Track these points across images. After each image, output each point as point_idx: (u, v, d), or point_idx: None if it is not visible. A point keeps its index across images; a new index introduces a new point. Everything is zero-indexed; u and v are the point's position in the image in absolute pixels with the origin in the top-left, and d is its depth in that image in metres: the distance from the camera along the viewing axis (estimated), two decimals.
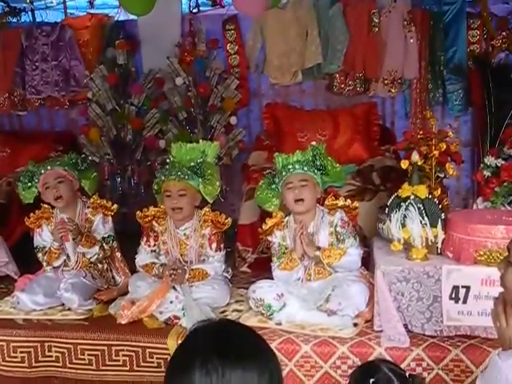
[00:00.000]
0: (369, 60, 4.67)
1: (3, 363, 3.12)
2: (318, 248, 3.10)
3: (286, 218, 3.25)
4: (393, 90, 4.70)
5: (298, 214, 3.17)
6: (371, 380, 1.58)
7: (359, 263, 3.15)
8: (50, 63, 4.99)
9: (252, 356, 1.09)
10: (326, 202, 3.28)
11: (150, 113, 4.73)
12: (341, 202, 3.26)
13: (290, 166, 3.14)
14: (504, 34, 4.53)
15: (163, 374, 2.91)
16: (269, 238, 3.27)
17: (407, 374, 1.63)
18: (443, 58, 4.65)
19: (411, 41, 4.58)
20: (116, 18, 5.05)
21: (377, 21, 4.61)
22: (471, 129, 4.89)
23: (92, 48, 4.99)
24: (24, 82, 5.05)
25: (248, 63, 4.90)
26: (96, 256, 3.47)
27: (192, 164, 3.31)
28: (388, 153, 4.44)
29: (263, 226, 3.25)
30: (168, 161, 3.43)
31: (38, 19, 5.35)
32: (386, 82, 4.68)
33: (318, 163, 3.19)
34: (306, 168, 3.13)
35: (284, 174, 3.15)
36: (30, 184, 3.43)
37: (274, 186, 3.23)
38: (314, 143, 3.35)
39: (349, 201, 3.29)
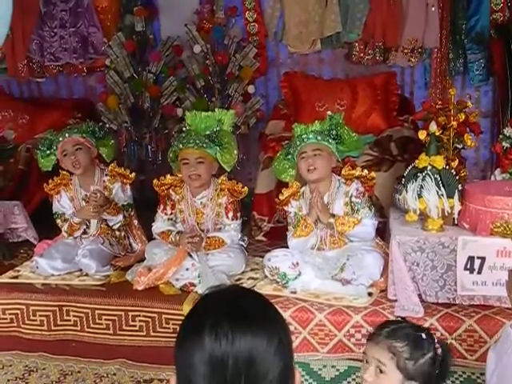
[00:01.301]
0: (389, 29, 4.59)
1: (23, 326, 3.20)
2: (333, 215, 3.10)
3: (302, 188, 3.25)
4: (413, 60, 4.64)
5: (312, 182, 3.17)
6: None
7: (373, 233, 3.15)
8: (69, 30, 5.00)
9: (262, 322, 1.10)
10: (342, 172, 3.26)
11: (168, 80, 4.72)
12: (357, 172, 3.23)
13: (304, 136, 3.13)
14: None
15: None
16: (285, 208, 3.27)
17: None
18: (465, 26, 4.55)
19: (432, 9, 4.50)
20: None
21: None
22: (492, 99, 4.81)
23: (110, 15, 4.98)
24: (42, 48, 5.05)
25: (266, 31, 4.85)
26: (119, 224, 3.51)
27: (208, 132, 3.30)
28: (406, 123, 4.40)
29: (280, 197, 3.25)
30: (184, 129, 3.43)
31: None
32: (405, 51, 4.62)
33: (334, 132, 3.17)
34: (319, 137, 3.11)
35: (298, 144, 3.14)
36: (48, 152, 3.46)
37: (290, 156, 3.22)
38: (329, 112, 3.32)
39: (365, 171, 3.26)
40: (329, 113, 3.33)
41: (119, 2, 4.94)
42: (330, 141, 3.15)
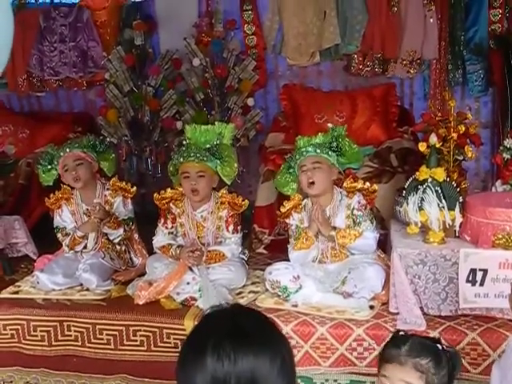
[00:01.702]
0: (387, 40, 4.62)
1: (24, 341, 3.17)
2: (334, 228, 3.10)
3: (304, 201, 3.24)
4: (411, 71, 4.66)
5: (312, 196, 3.17)
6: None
7: (374, 246, 3.14)
8: (68, 44, 5.02)
9: (264, 342, 1.10)
10: (344, 185, 3.25)
11: (167, 94, 4.73)
12: (359, 185, 3.23)
13: (303, 149, 3.13)
14: None
15: None
16: (286, 221, 3.27)
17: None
18: (463, 37, 4.57)
19: (431, 20, 4.52)
20: None
21: (396, 0, 4.53)
22: (491, 110, 4.82)
23: (109, 29, 5.00)
24: (42, 63, 5.07)
25: (265, 44, 4.87)
26: (120, 237, 3.51)
27: (208, 146, 3.31)
28: (406, 134, 4.40)
29: (281, 209, 3.25)
30: (184, 143, 3.43)
31: (56, 0, 5.35)
32: (404, 62, 4.64)
33: (335, 144, 3.18)
34: (318, 150, 3.11)
35: (298, 157, 3.15)
36: (49, 167, 3.47)
37: (291, 170, 3.23)
38: (330, 125, 3.32)
39: (367, 184, 3.26)
40: (330, 125, 3.33)
41: (118, 16, 4.96)
42: (330, 153, 3.15)
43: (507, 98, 4.30)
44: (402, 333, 1.81)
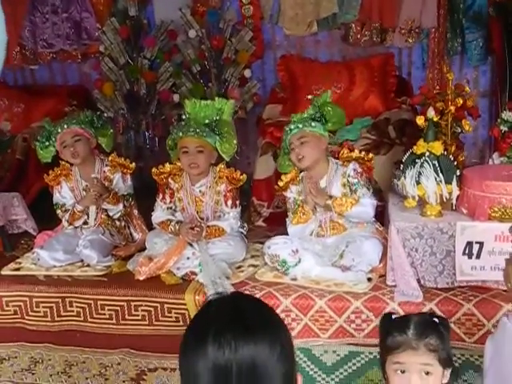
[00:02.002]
0: (385, 9, 4.57)
1: (27, 317, 3.21)
2: (330, 197, 3.11)
3: (302, 173, 3.25)
4: (410, 40, 4.62)
5: (305, 169, 3.18)
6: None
7: (372, 213, 3.14)
8: (61, 15, 4.95)
9: (264, 330, 1.12)
10: (340, 155, 3.26)
11: (163, 66, 4.69)
12: (355, 154, 3.23)
13: (287, 129, 3.16)
14: None
15: (181, 328, 3.01)
16: (284, 194, 3.28)
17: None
18: (462, 5, 4.51)
19: None
20: None
21: None
22: (490, 79, 4.79)
23: None
24: (35, 35, 5.01)
25: (262, 14, 4.80)
26: (120, 213, 3.52)
27: (207, 121, 3.29)
28: (404, 105, 4.39)
29: (279, 183, 3.27)
30: (183, 117, 3.41)
31: None
32: (403, 31, 4.59)
33: (317, 115, 3.17)
34: (300, 125, 3.12)
35: (285, 138, 3.18)
36: (47, 143, 3.45)
37: (287, 150, 3.24)
38: (309, 96, 3.29)
39: (363, 153, 3.26)
40: (309, 97, 3.30)
41: None
42: (313, 124, 3.14)
43: (506, 66, 4.28)
44: (394, 316, 1.83)
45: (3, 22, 1.61)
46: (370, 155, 3.26)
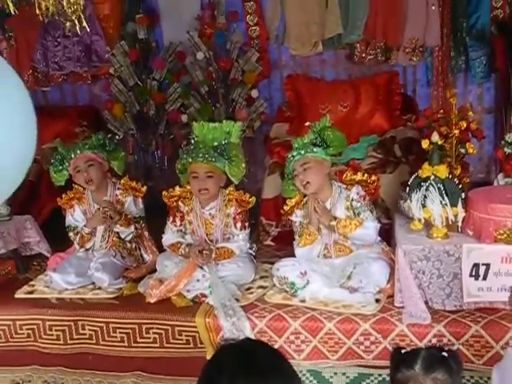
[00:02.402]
0: (390, 28, 4.63)
1: (40, 340, 3.28)
2: (334, 218, 3.15)
3: (306, 198, 3.29)
4: (414, 59, 4.67)
5: (311, 194, 3.22)
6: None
7: (374, 236, 3.17)
8: (72, 39, 5.05)
9: (275, 376, 1.17)
10: (344, 178, 3.30)
11: (172, 87, 4.77)
12: (358, 177, 3.27)
13: (290, 156, 3.19)
14: None
15: (192, 350, 3.03)
16: (290, 218, 3.33)
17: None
18: (466, 24, 4.57)
19: (433, 7, 4.52)
20: None
21: None
22: (494, 95, 4.84)
23: (112, 22, 5.02)
24: (46, 58, 5.11)
25: (268, 34, 4.88)
26: (131, 235, 3.58)
27: (216, 144, 3.34)
28: (410, 122, 4.43)
29: (284, 207, 3.32)
30: (192, 141, 3.44)
31: None
32: (407, 50, 4.65)
33: (319, 139, 3.19)
34: (302, 151, 3.15)
35: (287, 165, 3.22)
36: (61, 167, 3.53)
37: (290, 176, 3.28)
38: (307, 123, 3.29)
39: (366, 175, 3.29)
40: (307, 124, 3.30)
41: (120, 9, 4.97)
42: (315, 149, 3.16)
43: (509, 83, 4.31)
44: (404, 350, 1.85)
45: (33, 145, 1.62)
46: (373, 177, 3.29)
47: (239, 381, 1.13)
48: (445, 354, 1.79)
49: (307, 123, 3.30)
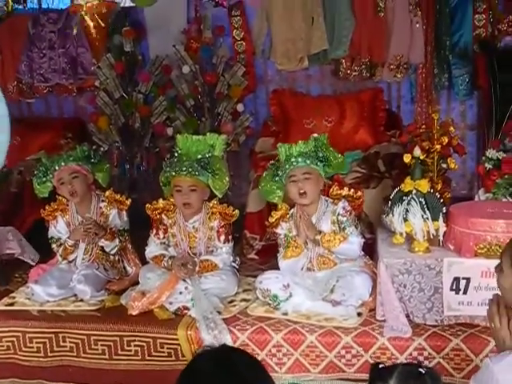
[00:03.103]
0: (375, 45, 4.69)
1: (20, 353, 3.23)
2: (320, 232, 3.17)
3: (291, 210, 3.31)
4: (398, 75, 4.73)
5: (303, 205, 3.24)
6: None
7: (358, 251, 3.21)
8: (57, 51, 5.05)
9: (252, 381, 1.17)
10: (330, 192, 3.32)
11: (158, 100, 4.78)
12: (344, 192, 3.30)
13: (293, 159, 3.17)
14: (511, 17, 4.51)
15: (173, 363, 3.02)
16: (275, 230, 3.34)
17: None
18: (449, 42, 4.64)
19: (417, 25, 4.58)
20: (122, 5, 5.07)
21: (382, 5, 4.61)
22: (477, 112, 4.91)
23: (98, 35, 5.02)
24: (32, 69, 5.10)
25: (254, 49, 4.91)
26: (116, 248, 3.57)
27: (199, 157, 3.35)
28: (394, 138, 4.47)
29: (269, 219, 3.32)
30: (176, 154, 3.45)
31: (44, 5, 5.38)
32: (391, 67, 4.70)
33: (321, 155, 3.23)
34: (308, 161, 3.16)
35: (288, 167, 3.19)
36: (44, 179, 3.51)
37: (277, 178, 3.27)
38: (315, 135, 3.33)
39: (352, 190, 3.32)
40: (315, 135, 3.35)
41: (107, 22, 4.99)
42: (319, 164, 3.21)
43: (491, 101, 4.38)
44: (382, 365, 1.83)
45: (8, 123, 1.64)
46: (359, 193, 3.32)
47: None
48: (422, 370, 1.78)
49: (314, 134, 3.30)
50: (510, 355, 1.74)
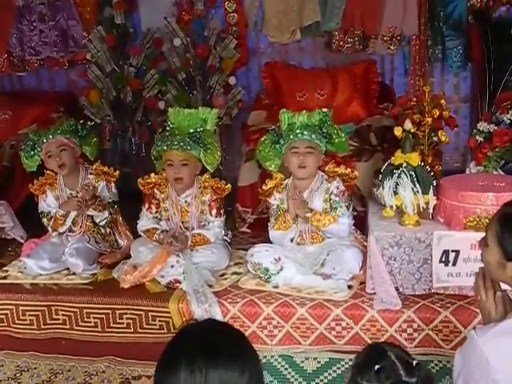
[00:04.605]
0: (368, 17, 4.63)
1: (13, 325, 3.27)
2: (311, 210, 3.16)
3: (286, 181, 3.30)
4: (392, 47, 4.68)
5: (299, 179, 3.23)
6: (376, 367, 1.52)
7: (347, 232, 3.20)
8: (48, 23, 4.98)
9: (234, 356, 1.19)
10: (326, 168, 3.29)
11: (149, 73, 4.74)
12: (341, 170, 3.26)
13: (298, 131, 3.12)
14: None
15: (165, 335, 3.05)
16: (268, 199, 3.33)
17: (414, 363, 1.60)
18: (443, 13, 4.59)
19: None
20: None
21: None
22: (471, 85, 4.88)
23: (89, 7, 4.95)
24: (22, 42, 5.04)
25: (246, 21, 4.86)
26: (106, 220, 3.57)
27: (191, 131, 3.32)
28: (387, 111, 4.45)
29: (263, 187, 3.31)
30: (168, 128, 3.42)
31: None
32: (385, 38, 4.66)
33: (325, 130, 3.20)
34: (313, 136, 3.13)
35: (292, 137, 3.14)
36: (32, 153, 3.50)
37: (277, 145, 3.23)
38: (324, 109, 3.26)
39: (349, 169, 3.28)
40: (324, 110, 3.27)
41: None
42: (322, 139, 3.18)
43: (485, 73, 4.35)
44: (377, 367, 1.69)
45: None
46: (355, 173, 3.28)
47: (197, 363, 1.15)
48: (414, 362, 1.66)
49: (324, 109, 3.25)
50: (495, 327, 1.75)
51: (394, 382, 1.53)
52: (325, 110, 3.27)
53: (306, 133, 3.12)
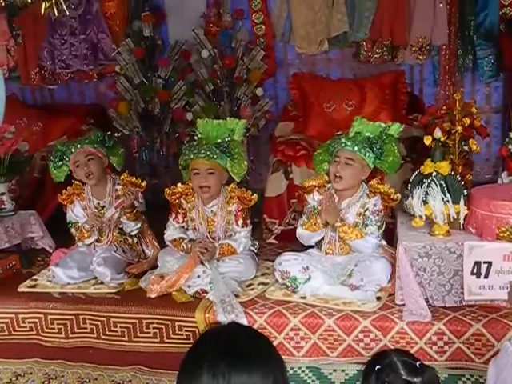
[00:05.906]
0: (396, 27, 4.60)
1: (42, 334, 3.29)
2: (341, 220, 3.13)
3: (329, 185, 3.27)
4: (421, 57, 4.64)
5: (337, 190, 3.20)
6: (377, 367, 1.58)
7: (371, 251, 3.15)
8: (78, 37, 5.07)
9: (258, 361, 1.16)
10: (370, 183, 3.24)
11: (177, 85, 4.78)
12: (383, 189, 3.20)
13: (343, 141, 3.11)
14: None
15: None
16: (306, 197, 3.30)
17: (418, 364, 1.59)
18: (473, 22, 4.53)
19: (440, 5, 4.48)
20: None
21: None
22: (502, 95, 4.80)
23: (118, 20, 5.04)
24: (53, 56, 5.14)
25: (274, 33, 4.87)
26: (137, 230, 3.60)
27: (219, 141, 3.34)
28: (416, 122, 4.40)
29: (305, 183, 3.30)
30: (195, 137, 3.45)
31: None
32: (413, 49, 4.61)
33: (378, 146, 3.14)
34: (356, 148, 3.09)
35: (336, 146, 3.14)
36: (60, 163, 3.54)
37: (328, 154, 3.23)
38: (383, 124, 3.22)
39: (392, 190, 3.20)
40: (383, 125, 3.23)
41: (127, 7, 4.99)
42: (368, 154, 3.12)
43: None
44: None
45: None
46: (398, 195, 3.19)
47: (220, 367, 1.13)
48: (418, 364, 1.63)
49: (390, 123, 3.22)
50: None
51: (394, 381, 1.54)
52: (387, 125, 3.22)
53: (349, 144, 3.10)
